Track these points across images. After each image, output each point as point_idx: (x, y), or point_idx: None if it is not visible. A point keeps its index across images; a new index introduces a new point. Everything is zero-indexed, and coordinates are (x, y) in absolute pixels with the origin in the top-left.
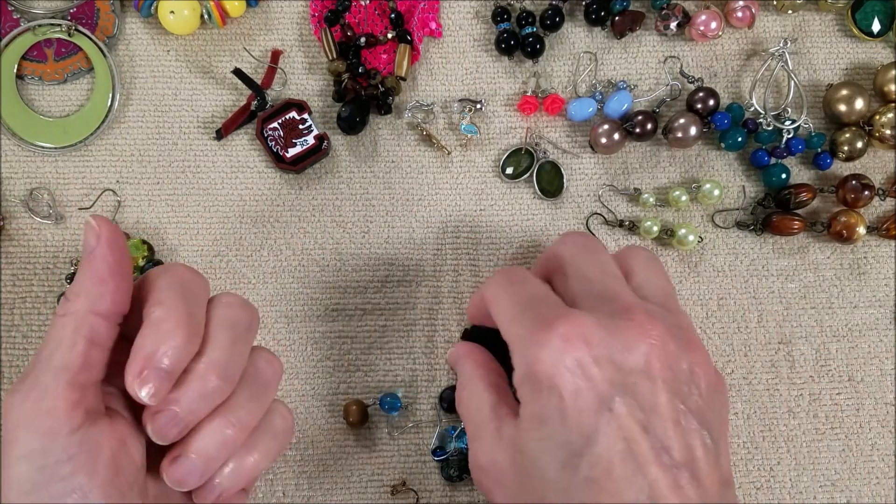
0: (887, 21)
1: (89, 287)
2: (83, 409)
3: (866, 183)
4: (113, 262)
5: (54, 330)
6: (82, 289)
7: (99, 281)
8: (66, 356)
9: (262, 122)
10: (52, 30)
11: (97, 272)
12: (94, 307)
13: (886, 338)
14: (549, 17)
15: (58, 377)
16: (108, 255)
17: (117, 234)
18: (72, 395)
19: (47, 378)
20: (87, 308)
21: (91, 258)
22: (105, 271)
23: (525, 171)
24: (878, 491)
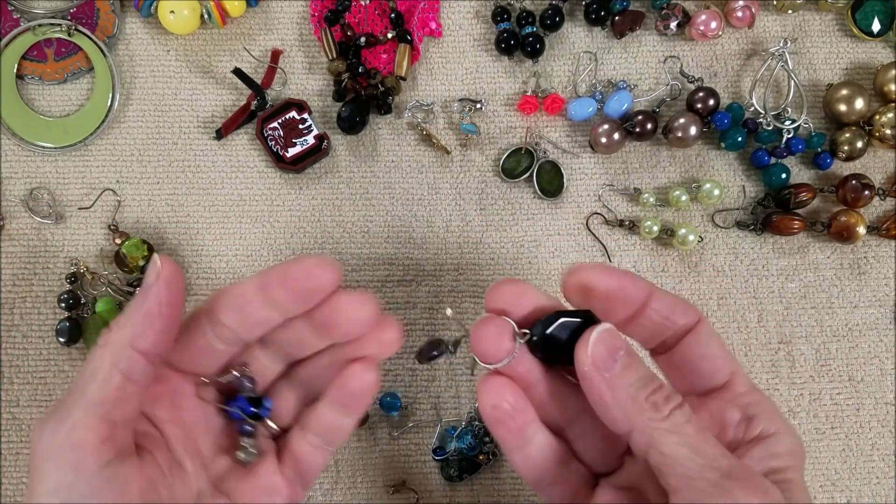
0: (887, 21)
1: (135, 320)
2: (113, 445)
3: (866, 183)
4: (164, 303)
5: (92, 361)
6: (128, 321)
7: (146, 317)
8: (101, 390)
9: (262, 122)
10: (52, 30)
11: (146, 308)
12: (134, 342)
13: (886, 337)
14: (549, 16)
15: (90, 411)
16: (163, 294)
17: (177, 277)
18: (102, 431)
19: (79, 411)
20: (127, 341)
21: (145, 293)
22: (154, 309)
23: (525, 171)
24: (879, 491)
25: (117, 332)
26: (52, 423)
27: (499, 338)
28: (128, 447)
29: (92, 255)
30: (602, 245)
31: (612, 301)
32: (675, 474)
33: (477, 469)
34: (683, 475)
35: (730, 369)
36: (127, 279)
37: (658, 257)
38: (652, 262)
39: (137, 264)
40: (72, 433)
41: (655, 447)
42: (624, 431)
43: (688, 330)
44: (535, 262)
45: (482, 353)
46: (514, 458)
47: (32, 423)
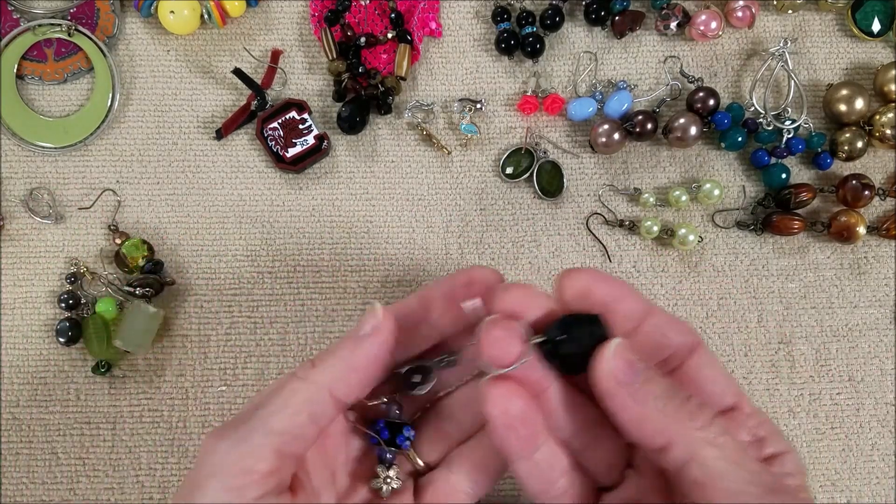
0: (887, 21)
1: (339, 368)
2: (277, 478)
3: (866, 183)
4: (374, 359)
5: (285, 391)
6: (332, 365)
7: (351, 367)
8: (286, 423)
9: (262, 122)
10: (52, 30)
11: (355, 359)
12: (332, 387)
13: (886, 337)
14: (549, 16)
15: (269, 439)
16: (375, 350)
17: (392, 333)
18: (274, 462)
19: (259, 438)
20: (326, 384)
21: (357, 342)
22: (362, 363)
23: (525, 171)
24: (879, 491)
25: (320, 373)
26: (230, 441)
27: (510, 340)
28: (288, 482)
29: (92, 256)
30: (602, 245)
31: (609, 311)
32: (719, 489)
33: None
34: (727, 490)
35: (734, 391)
36: (127, 279)
37: (658, 257)
38: (652, 262)
39: (137, 264)
40: (246, 458)
41: (697, 460)
42: (658, 445)
43: (687, 352)
44: (535, 262)
45: (492, 356)
46: (519, 467)
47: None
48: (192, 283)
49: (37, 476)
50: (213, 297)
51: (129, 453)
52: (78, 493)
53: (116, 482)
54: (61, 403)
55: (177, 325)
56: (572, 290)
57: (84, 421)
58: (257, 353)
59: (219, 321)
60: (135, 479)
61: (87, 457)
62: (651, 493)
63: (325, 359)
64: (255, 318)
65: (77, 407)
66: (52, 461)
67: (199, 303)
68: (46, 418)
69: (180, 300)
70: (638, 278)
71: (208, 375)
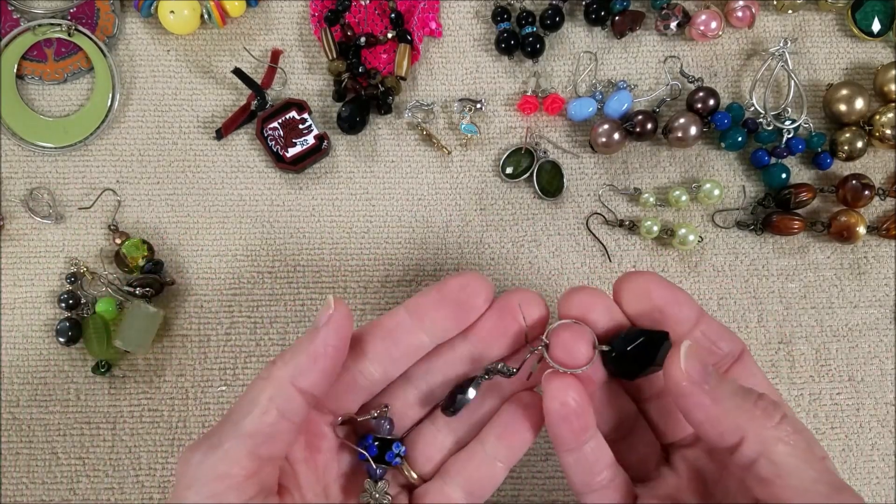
0: (887, 21)
1: (300, 359)
2: (258, 482)
3: (866, 183)
4: (332, 345)
5: (250, 392)
6: (292, 359)
7: (311, 357)
8: (255, 423)
9: (262, 122)
10: (52, 29)
11: (313, 348)
12: (296, 380)
13: (886, 337)
14: (549, 16)
15: (241, 443)
16: (331, 337)
17: (348, 322)
18: (250, 465)
19: (231, 442)
20: (287, 378)
21: (313, 334)
22: (321, 350)
23: (525, 171)
24: (879, 491)
25: (280, 368)
26: (203, 450)
27: (579, 344)
28: (271, 486)
29: (92, 255)
30: (602, 245)
31: (664, 314)
32: (788, 486)
33: None
34: (796, 488)
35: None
36: (127, 279)
37: (658, 257)
38: (652, 262)
39: (137, 264)
40: (219, 464)
41: (767, 456)
42: (731, 442)
43: (732, 360)
44: (535, 262)
45: (561, 358)
46: (567, 459)
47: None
48: (192, 283)
49: (37, 476)
50: (213, 297)
51: (129, 453)
52: (78, 492)
53: (116, 482)
54: (61, 403)
55: (177, 325)
56: (631, 293)
57: (84, 421)
58: (257, 353)
59: (219, 321)
60: (135, 479)
61: (87, 457)
62: (687, 493)
63: (284, 356)
64: (255, 318)
65: (77, 407)
66: (52, 461)
67: (199, 303)
68: (46, 418)
69: (180, 300)
70: None
71: (208, 375)
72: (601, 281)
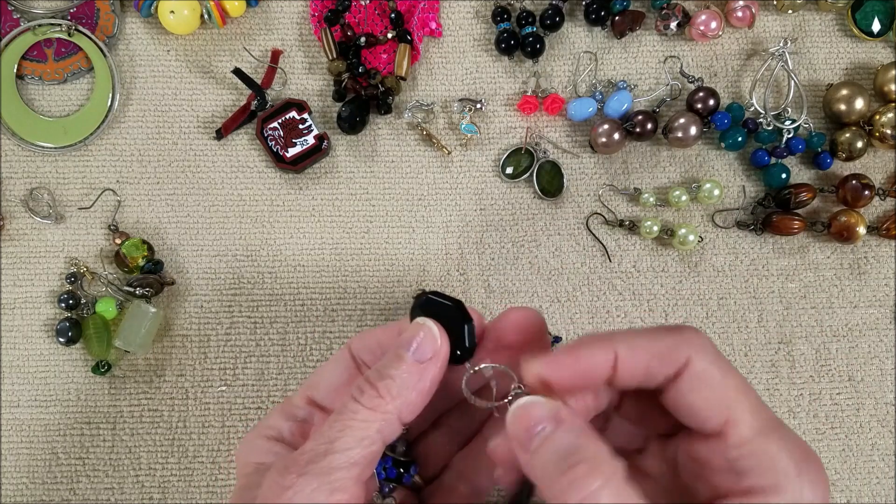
0: (887, 21)
1: (407, 394)
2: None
3: (866, 183)
4: (437, 382)
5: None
6: (400, 393)
7: (420, 393)
8: (363, 452)
9: (262, 122)
10: (52, 29)
11: (422, 385)
12: (402, 413)
13: (887, 337)
14: (549, 16)
15: (351, 472)
16: (438, 373)
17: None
18: (357, 492)
19: (342, 472)
20: (397, 413)
21: (423, 370)
22: (429, 388)
23: (525, 171)
24: (879, 491)
25: (389, 402)
26: (314, 476)
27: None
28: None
29: (92, 256)
30: (602, 245)
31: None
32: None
33: None
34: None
35: (723, 417)
36: (127, 279)
37: (658, 257)
38: (652, 262)
39: (137, 264)
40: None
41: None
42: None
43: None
44: (535, 262)
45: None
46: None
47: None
48: (192, 283)
49: (37, 476)
50: (213, 297)
51: (129, 453)
52: (78, 493)
53: (116, 482)
54: (61, 403)
55: (177, 325)
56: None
57: (84, 421)
58: (257, 353)
59: (219, 321)
60: (135, 479)
61: (86, 457)
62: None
63: (388, 387)
64: (255, 318)
65: (77, 407)
66: (51, 461)
67: (199, 303)
68: (46, 418)
69: (180, 300)
70: (638, 278)
71: (208, 375)
72: (602, 281)
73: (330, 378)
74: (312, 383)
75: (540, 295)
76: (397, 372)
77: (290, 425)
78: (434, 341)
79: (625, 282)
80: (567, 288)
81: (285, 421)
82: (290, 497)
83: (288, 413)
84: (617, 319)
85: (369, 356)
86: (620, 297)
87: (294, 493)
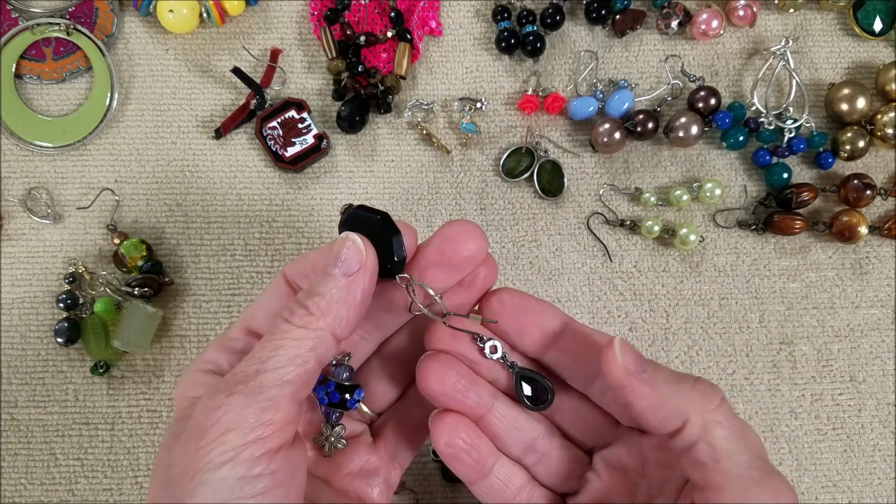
0: (889, 20)
1: (338, 309)
2: (295, 427)
3: (868, 182)
4: (367, 294)
5: (289, 340)
6: (330, 309)
7: (350, 307)
8: (297, 371)
9: (262, 121)
10: (51, 29)
11: (352, 299)
12: (335, 329)
13: (888, 338)
14: (550, 15)
15: (283, 390)
16: (367, 285)
17: (376, 265)
18: (291, 411)
19: (274, 390)
20: (329, 328)
21: (350, 283)
22: (359, 300)
23: (525, 171)
24: (880, 491)
25: (320, 318)
26: (244, 396)
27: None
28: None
29: (90, 255)
30: (603, 245)
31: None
32: (723, 470)
33: None
34: (730, 472)
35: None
36: (125, 279)
37: (659, 257)
38: (653, 262)
39: (136, 264)
40: (265, 410)
41: (706, 440)
42: (673, 427)
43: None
44: (536, 261)
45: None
46: (477, 491)
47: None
48: (191, 283)
49: (35, 476)
50: (212, 297)
51: (128, 454)
52: (76, 493)
53: (115, 483)
54: (60, 404)
55: (175, 325)
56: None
57: (82, 421)
58: None
59: (217, 321)
60: (133, 480)
61: (85, 457)
62: (616, 493)
63: (318, 304)
64: None
65: (75, 407)
66: (50, 462)
67: (197, 303)
68: (45, 419)
69: (179, 300)
70: (639, 278)
71: None
72: (602, 281)
73: (267, 305)
74: (250, 314)
75: (540, 295)
76: (325, 288)
77: (227, 357)
78: (359, 253)
79: (626, 282)
80: (568, 288)
81: (223, 354)
82: (219, 417)
83: (225, 346)
84: (618, 320)
85: (304, 281)
86: (621, 297)
87: (224, 413)
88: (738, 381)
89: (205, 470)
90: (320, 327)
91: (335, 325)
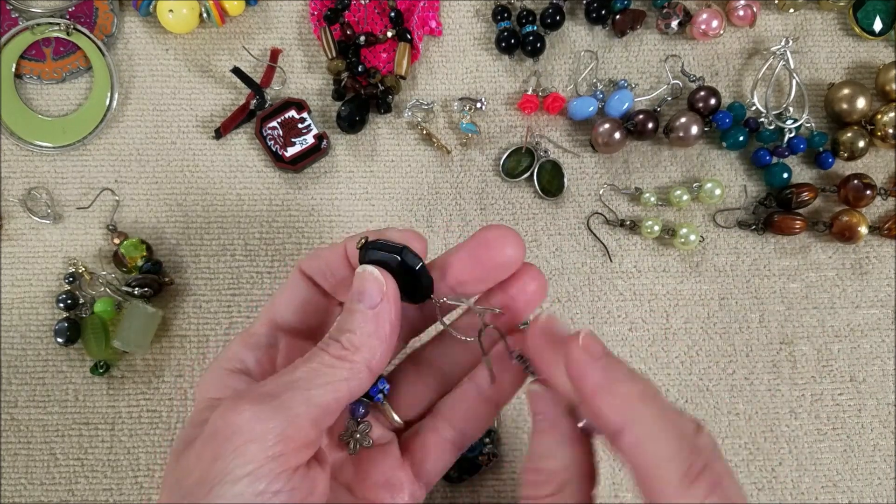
0: (889, 20)
1: (370, 342)
2: (314, 449)
3: (868, 182)
4: (395, 324)
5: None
6: (363, 343)
7: (381, 339)
8: (326, 397)
9: (261, 121)
10: (51, 29)
11: (382, 331)
12: (370, 363)
13: (888, 338)
14: (550, 15)
15: (309, 412)
16: (392, 314)
17: (398, 292)
18: (312, 433)
19: (301, 408)
20: (364, 363)
21: (377, 315)
22: (388, 331)
23: (525, 171)
24: (880, 492)
25: (356, 353)
26: (270, 410)
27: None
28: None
29: (90, 256)
30: (603, 245)
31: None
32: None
33: (477, 470)
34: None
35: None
36: (125, 279)
37: (659, 257)
38: (653, 262)
39: (136, 264)
40: (288, 426)
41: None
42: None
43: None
44: (536, 262)
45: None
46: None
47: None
48: (191, 283)
49: (35, 477)
50: (212, 297)
51: (128, 454)
52: (76, 493)
53: (115, 483)
54: (60, 404)
55: (175, 325)
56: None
57: (82, 422)
58: None
59: (217, 321)
60: (133, 480)
61: (85, 457)
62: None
63: (352, 340)
64: (254, 318)
65: (75, 407)
66: (50, 462)
67: (197, 303)
68: (45, 419)
69: (179, 300)
70: (639, 278)
71: None
72: (602, 281)
73: (289, 298)
74: (271, 308)
75: None
76: (355, 324)
77: (253, 354)
78: (378, 283)
79: (626, 282)
80: (568, 288)
81: (248, 350)
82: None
83: (249, 342)
84: (618, 320)
85: (320, 277)
86: (621, 297)
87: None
88: (738, 381)
89: (223, 482)
90: (356, 360)
91: (370, 357)
